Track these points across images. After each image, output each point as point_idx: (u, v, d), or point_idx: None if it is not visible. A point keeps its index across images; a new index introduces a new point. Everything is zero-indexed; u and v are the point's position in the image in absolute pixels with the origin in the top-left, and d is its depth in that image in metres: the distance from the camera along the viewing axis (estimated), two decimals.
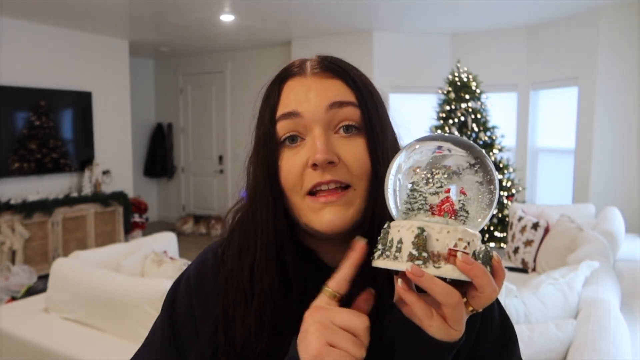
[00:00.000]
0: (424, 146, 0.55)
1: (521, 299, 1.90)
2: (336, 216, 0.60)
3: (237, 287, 0.65)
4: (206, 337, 0.67)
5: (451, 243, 0.50)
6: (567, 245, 3.13)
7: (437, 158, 0.54)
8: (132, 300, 2.20)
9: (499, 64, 5.32)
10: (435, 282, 0.49)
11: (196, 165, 7.32)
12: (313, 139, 0.60)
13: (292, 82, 0.64)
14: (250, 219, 0.65)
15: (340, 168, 0.60)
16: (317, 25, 5.21)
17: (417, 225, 0.51)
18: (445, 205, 0.52)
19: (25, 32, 4.88)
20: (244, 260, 0.65)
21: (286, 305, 0.63)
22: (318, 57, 0.67)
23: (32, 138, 4.90)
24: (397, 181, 0.55)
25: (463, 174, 0.53)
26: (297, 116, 0.61)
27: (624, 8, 4.28)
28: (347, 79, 0.63)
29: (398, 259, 0.51)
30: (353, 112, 0.62)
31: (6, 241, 4.48)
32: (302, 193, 0.61)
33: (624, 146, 4.40)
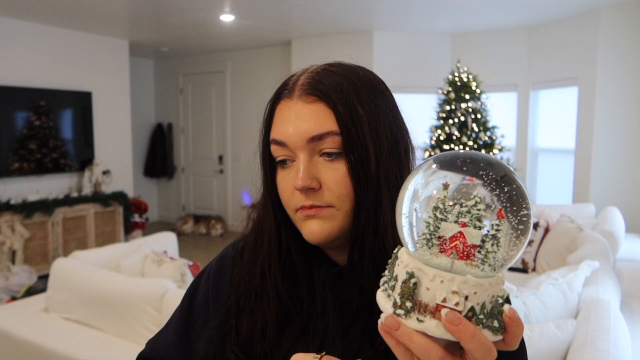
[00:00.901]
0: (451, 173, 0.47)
1: (521, 299, 1.90)
2: (316, 228, 0.64)
3: (249, 281, 0.71)
4: (217, 324, 0.73)
5: (440, 296, 0.43)
6: (567, 245, 3.13)
7: (465, 186, 0.45)
8: (132, 300, 2.20)
9: (499, 64, 5.33)
10: (412, 338, 0.44)
11: (196, 165, 7.32)
12: (298, 164, 0.64)
13: (283, 105, 0.67)
14: (258, 226, 0.73)
15: (322, 192, 0.63)
16: (317, 25, 5.21)
17: (409, 268, 0.45)
18: (454, 243, 0.44)
19: (25, 32, 4.88)
20: (257, 257, 0.71)
21: (292, 305, 0.68)
22: (312, 72, 0.67)
23: (32, 138, 4.90)
24: (413, 212, 0.47)
25: (495, 209, 0.44)
26: (284, 145, 0.65)
27: (624, 8, 4.28)
28: (328, 103, 0.63)
29: (390, 297, 0.47)
30: (332, 140, 0.63)
31: (6, 241, 4.48)
32: (293, 209, 0.66)
33: (624, 146, 4.40)
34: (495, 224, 0.44)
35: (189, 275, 2.67)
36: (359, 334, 0.65)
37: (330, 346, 0.66)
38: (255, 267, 0.71)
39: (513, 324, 0.45)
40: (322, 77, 0.66)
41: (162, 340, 0.81)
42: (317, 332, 0.68)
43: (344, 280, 0.67)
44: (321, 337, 0.67)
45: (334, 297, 0.68)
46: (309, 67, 0.69)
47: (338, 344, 0.66)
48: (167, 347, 0.79)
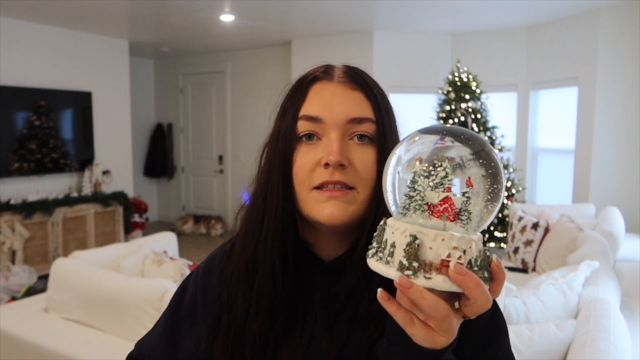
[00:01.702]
0: (426, 137, 0.54)
1: (521, 299, 1.90)
2: (336, 210, 0.64)
3: (241, 266, 0.71)
4: (205, 324, 0.74)
5: (444, 252, 0.48)
6: (567, 245, 3.13)
7: (440, 149, 0.52)
8: (132, 300, 2.20)
9: (499, 64, 5.32)
10: (423, 295, 0.48)
11: (196, 165, 7.32)
12: (330, 141, 0.65)
13: (319, 86, 0.69)
14: (260, 202, 0.70)
15: (349, 171, 0.65)
16: (317, 25, 5.21)
17: (410, 232, 0.48)
18: (443, 207, 0.49)
19: (25, 32, 4.88)
20: (250, 241, 0.71)
21: (283, 288, 0.68)
22: (345, 66, 0.72)
23: (32, 138, 4.90)
24: (396, 174, 0.54)
25: (467, 167, 0.51)
26: (319, 121, 0.66)
27: (624, 8, 4.28)
28: (369, 94, 0.68)
29: (390, 263, 0.50)
30: (369, 126, 0.67)
31: (6, 241, 4.48)
32: (310, 187, 0.66)
33: (624, 146, 4.40)
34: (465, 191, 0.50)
35: None
36: (346, 325, 0.67)
37: (318, 340, 0.68)
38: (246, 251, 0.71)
39: (500, 271, 0.50)
40: (358, 71, 0.71)
41: (149, 341, 0.82)
42: (305, 328, 0.69)
43: (330, 276, 0.70)
44: (310, 332, 0.69)
45: (322, 292, 0.70)
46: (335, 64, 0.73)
47: (325, 337, 0.67)
48: (153, 349, 0.80)
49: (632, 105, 4.33)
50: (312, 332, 0.68)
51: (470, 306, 0.49)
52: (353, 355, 0.65)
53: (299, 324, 0.69)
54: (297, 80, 0.71)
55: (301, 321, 0.69)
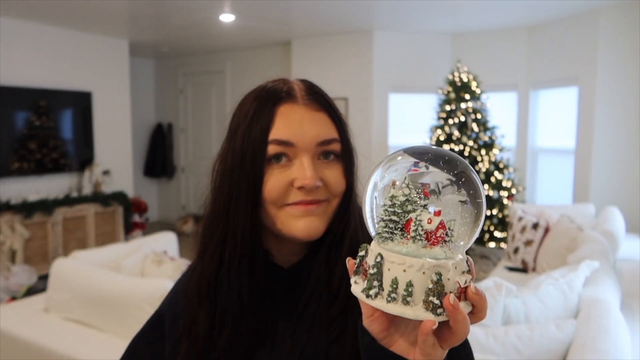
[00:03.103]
0: (399, 164, 0.53)
1: (521, 299, 1.90)
2: (313, 224, 0.68)
3: (202, 285, 0.72)
4: (170, 347, 0.76)
5: (461, 280, 0.49)
6: (567, 245, 3.13)
7: (414, 176, 0.50)
8: (132, 300, 2.20)
9: (499, 64, 5.32)
10: (466, 319, 0.49)
11: (196, 165, 7.32)
12: (302, 164, 0.67)
13: (285, 108, 0.69)
14: (222, 222, 0.70)
15: (322, 189, 0.68)
16: (317, 25, 5.21)
17: (430, 268, 0.47)
18: (440, 233, 0.49)
19: (25, 32, 4.88)
20: (211, 261, 0.71)
21: (249, 304, 0.70)
22: (303, 84, 0.73)
23: (32, 138, 4.90)
24: (373, 200, 0.54)
25: (443, 193, 0.50)
26: (290, 145, 0.68)
27: (624, 8, 4.28)
28: (331, 114, 0.71)
29: (410, 304, 0.48)
30: (335, 146, 0.70)
31: (6, 241, 4.48)
32: (279, 205, 0.68)
33: (624, 146, 4.40)
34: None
35: None
36: (307, 327, 0.69)
37: (280, 343, 0.70)
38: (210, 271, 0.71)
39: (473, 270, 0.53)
40: (319, 89, 0.73)
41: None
42: (267, 334, 0.71)
43: (290, 282, 0.73)
44: (272, 338, 0.71)
45: (282, 298, 0.72)
46: (287, 77, 0.75)
47: (287, 340, 0.70)
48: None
49: (632, 105, 4.33)
50: (274, 338, 0.71)
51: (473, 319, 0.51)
52: (313, 355, 0.68)
53: (262, 333, 0.71)
54: (260, 99, 0.70)
55: (264, 330, 0.71)
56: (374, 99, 5.39)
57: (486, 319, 1.61)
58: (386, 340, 0.54)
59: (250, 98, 0.72)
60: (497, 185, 4.77)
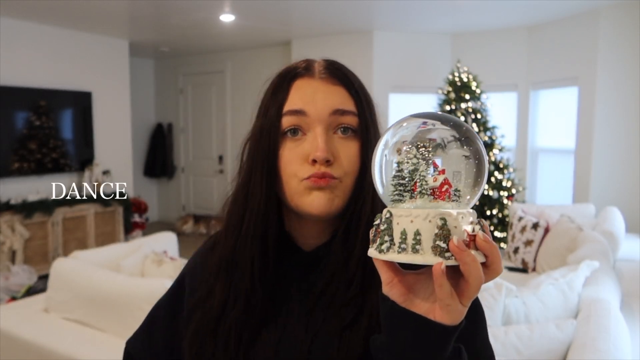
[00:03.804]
0: (410, 122, 0.56)
1: (521, 299, 1.90)
2: (321, 200, 0.66)
3: (221, 260, 0.73)
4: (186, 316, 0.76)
5: (470, 228, 0.50)
6: (567, 245, 3.13)
7: (423, 132, 0.54)
8: (132, 300, 2.20)
9: (499, 64, 5.32)
10: (476, 261, 0.50)
11: (196, 165, 7.32)
12: (315, 136, 0.67)
13: (301, 82, 0.70)
14: (242, 198, 0.72)
15: (334, 165, 0.67)
16: (317, 25, 5.21)
17: (435, 215, 0.50)
18: (445, 188, 0.52)
19: (25, 32, 4.88)
20: (230, 237, 0.72)
21: (260, 283, 0.70)
22: (325, 61, 0.73)
23: (32, 138, 4.90)
24: (383, 157, 0.56)
25: (448, 147, 0.53)
26: (303, 114, 0.68)
27: (623, 8, 4.28)
28: (350, 89, 0.70)
29: (419, 252, 0.50)
30: (351, 119, 0.69)
31: (6, 241, 4.48)
32: (299, 179, 0.67)
33: (624, 146, 4.40)
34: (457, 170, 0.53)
35: None
36: (322, 312, 0.69)
37: (293, 329, 0.69)
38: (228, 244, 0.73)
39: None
40: (338, 66, 0.72)
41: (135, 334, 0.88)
42: (280, 316, 0.71)
43: (309, 265, 0.72)
44: (284, 320, 0.70)
45: (300, 281, 0.72)
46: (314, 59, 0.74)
47: (301, 326, 0.69)
48: (136, 340, 0.86)
49: (632, 105, 4.33)
50: (286, 320, 0.70)
51: (489, 273, 0.52)
52: (326, 339, 0.67)
53: (275, 312, 0.71)
54: (278, 77, 0.72)
55: (277, 310, 0.71)
56: (374, 99, 5.37)
57: (486, 319, 1.60)
58: (406, 304, 0.55)
59: (274, 77, 0.73)
60: (497, 185, 4.77)
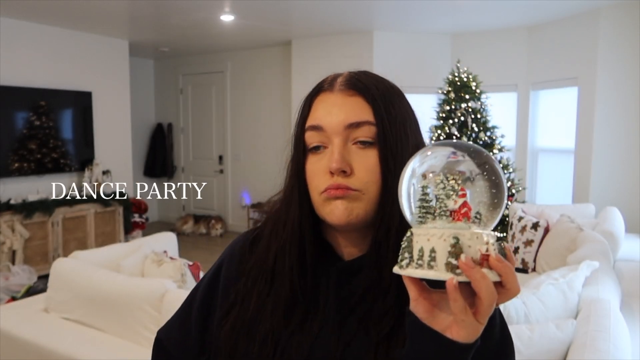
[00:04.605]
0: (438, 152, 0.59)
1: (521, 299, 1.90)
2: (339, 208, 0.68)
3: (262, 265, 0.76)
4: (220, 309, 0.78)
5: (483, 248, 0.53)
6: (567, 245, 3.13)
7: (451, 163, 0.57)
8: (132, 300, 2.20)
9: (499, 64, 5.32)
10: (486, 278, 0.52)
11: (196, 165, 7.32)
12: (332, 148, 0.69)
13: (322, 97, 0.73)
14: (284, 210, 0.75)
15: (352, 176, 0.68)
16: (317, 25, 5.21)
17: (449, 235, 0.53)
18: (463, 210, 0.55)
19: (25, 32, 4.88)
20: (272, 244, 0.75)
21: (300, 292, 0.72)
22: (349, 73, 0.75)
23: (32, 138, 4.90)
24: (411, 185, 0.58)
25: (475, 180, 0.56)
26: (321, 129, 0.70)
27: (623, 8, 4.28)
28: (367, 97, 0.70)
29: (434, 268, 0.53)
30: (368, 129, 0.69)
31: (6, 241, 4.48)
32: (319, 191, 0.70)
33: (624, 146, 4.40)
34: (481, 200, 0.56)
35: (189, 276, 2.67)
36: (355, 323, 0.69)
37: (326, 336, 0.70)
38: (270, 252, 0.75)
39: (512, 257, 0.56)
40: (360, 76, 0.74)
41: (170, 322, 0.89)
42: (314, 324, 0.71)
43: (346, 275, 0.73)
44: (318, 328, 0.71)
45: (336, 290, 0.72)
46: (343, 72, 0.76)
47: (334, 334, 0.70)
48: (171, 328, 0.87)
49: (632, 105, 4.33)
50: (321, 326, 0.71)
51: (504, 293, 0.54)
52: (359, 352, 0.68)
53: (310, 320, 0.72)
54: (308, 94, 0.76)
55: (312, 318, 0.72)
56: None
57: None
58: (428, 320, 0.58)
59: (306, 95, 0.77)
60: None
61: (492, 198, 0.56)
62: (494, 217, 0.57)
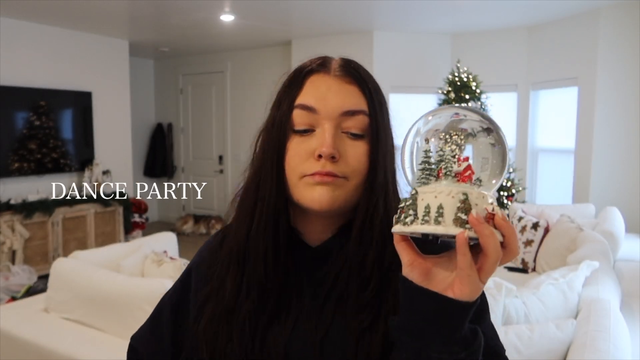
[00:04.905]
0: (442, 112, 0.60)
1: (521, 299, 1.90)
2: (324, 195, 0.66)
3: (233, 249, 0.73)
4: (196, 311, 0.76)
5: (490, 206, 0.54)
6: (567, 245, 3.13)
7: (455, 122, 0.58)
8: (132, 300, 2.20)
9: (499, 64, 5.32)
10: (494, 234, 0.52)
11: (196, 165, 7.32)
12: (323, 132, 0.67)
13: (316, 78, 0.71)
14: (254, 188, 0.72)
15: (340, 163, 0.67)
16: (317, 25, 5.21)
17: (458, 191, 0.54)
18: (468, 172, 0.56)
19: (25, 32, 4.88)
20: (242, 226, 0.73)
21: (273, 272, 0.70)
22: (342, 59, 0.73)
23: (32, 138, 4.90)
24: (414, 144, 0.59)
25: (478, 136, 0.57)
26: (313, 111, 0.68)
27: (623, 8, 4.28)
28: (363, 88, 0.70)
29: (442, 223, 0.53)
30: (362, 120, 0.69)
31: (6, 241, 4.48)
32: (301, 174, 0.68)
33: (624, 146, 4.40)
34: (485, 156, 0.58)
35: None
36: (333, 307, 0.69)
37: (304, 322, 0.70)
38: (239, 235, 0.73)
39: None
40: (355, 65, 0.73)
41: (140, 331, 0.88)
42: (292, 311, 0.71)
43: (317, 260, 0.72)
44: (296, 314, 0.71)
45: (309, 276, 0.72)
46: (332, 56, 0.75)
47: (312, 320, 0.69)
48: (142, 336, 0.87)
49: (632, 105, 4.33)
50: (298, 314, 0.70)
51: (506, 253, 0.54)
52: (338, 340, 0.67)
53: (287, 307, 0.71)
54: (294, 71, 0.73)
55: (288, 304, 0.71)
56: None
57: None
58: (424, 284, 0.57)
59: (290, 71, 0.74)
60: None
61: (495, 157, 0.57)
62: (496, 179, 0.58)
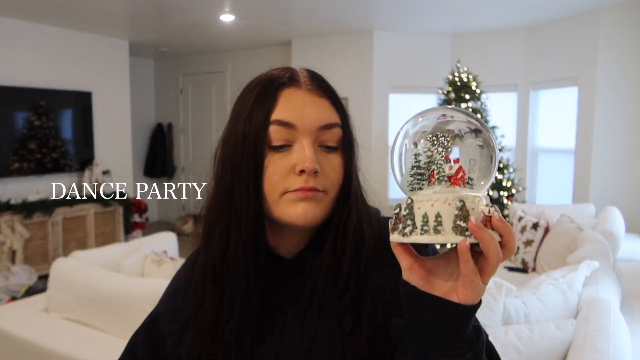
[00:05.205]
0: (430, 114, 0.61)
1: (521, 299, 1.90)
2: (309, 210, 0.67)
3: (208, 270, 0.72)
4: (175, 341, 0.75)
5: (486, 209, 0.54)
6: (567, 245, 3.13)
7: (442, 123, 0.58)
8: (132, 300, 2.20)
9: (499, 64, 5.32)
10: (494, 238, 0.53)
11: (196, 165, 7.32)
12: (302, 147, 0.67)
13: (288, 92, 0.69)
14: (227, 207, 0.70)
15: (320, 177, 0.68)
16: (317, 25, 5.21)
17: (454, 198, 0.53)
18: (460, 175, 0.56)
19: (25, 32, 4.88)
20: (216, 246, 0.71)
21: (255, 290, 0.70)
22: (307, 71, 0.73)
23: (32, 138, 4.90)
24: (403, 146, 0.60)
25: (465, 138, 0.57)
26: (292, 127, 0.67)
27: (623, 8, 4.28)
28: (334, 101, 0.71)
29: (441, 232, 0.53)
30: (337, 132, 0.70)
31: (6, 241, 4.48)
32: (282, 191, 0.67)
33: (624, 146, 4.40)
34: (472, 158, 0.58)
35: None
36: (315, 316, 0.70)
37: (290, 333, 0.70)
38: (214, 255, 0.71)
39: None
40: (322, 77, 0.73)
41: None
42: (276, 325, 0.71)
43: (293, 272, 0.73)
44: (281, 328, 0.71)
45: (287, 288, 0.72)
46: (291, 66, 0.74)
47: (297, 330, 0.70)
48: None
49: (632, 105, 4.33)
50: (283, 328, 0.71)
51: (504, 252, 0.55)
52: (325, 345, 0.68)
53: (271, 319, 0.71)
54: (263, 84, 0.70)
55: (272, 319, 0.71)
56: (374, 99, 5.39)
57: (486, 319, 1.59)
58: (426, 288, 0.58)
59: (254, 83, 0.72)
60: (497, 185, 4.77)
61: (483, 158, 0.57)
62: (487, 179, 0.58)
